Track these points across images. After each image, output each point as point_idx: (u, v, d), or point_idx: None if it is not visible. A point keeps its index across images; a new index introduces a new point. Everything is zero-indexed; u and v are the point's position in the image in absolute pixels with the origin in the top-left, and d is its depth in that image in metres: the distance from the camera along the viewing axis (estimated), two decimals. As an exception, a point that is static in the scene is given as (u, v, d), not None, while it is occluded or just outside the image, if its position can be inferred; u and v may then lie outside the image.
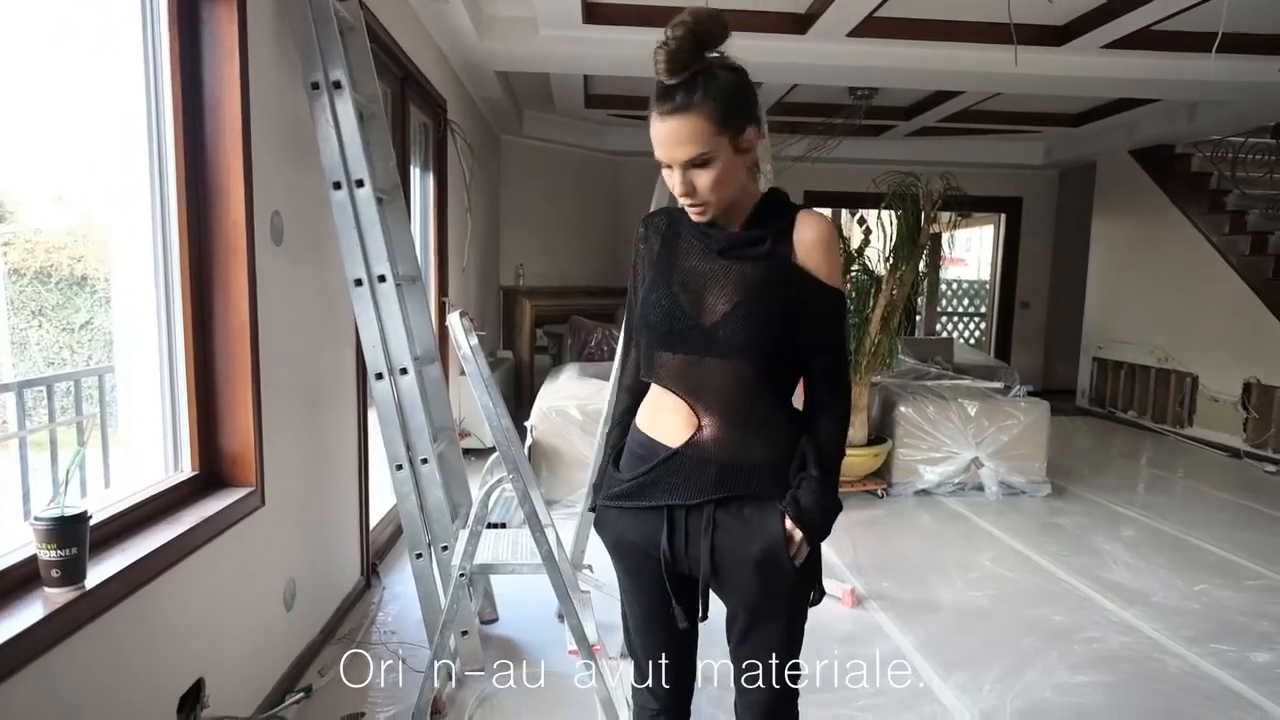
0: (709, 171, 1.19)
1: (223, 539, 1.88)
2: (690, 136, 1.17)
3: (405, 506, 2.29)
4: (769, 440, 1.29)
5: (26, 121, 1.87)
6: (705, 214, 1.25)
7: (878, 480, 4.47)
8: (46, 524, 1.34)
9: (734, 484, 1.28)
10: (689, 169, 1.20)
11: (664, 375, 1.31)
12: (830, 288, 1.26)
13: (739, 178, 1.24)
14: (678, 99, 1.16)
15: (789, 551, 1.26)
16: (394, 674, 2.45)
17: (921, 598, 3.11)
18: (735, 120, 1.18)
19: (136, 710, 1.58)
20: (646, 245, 1.37)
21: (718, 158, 1.18)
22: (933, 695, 2.39)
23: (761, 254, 1.25)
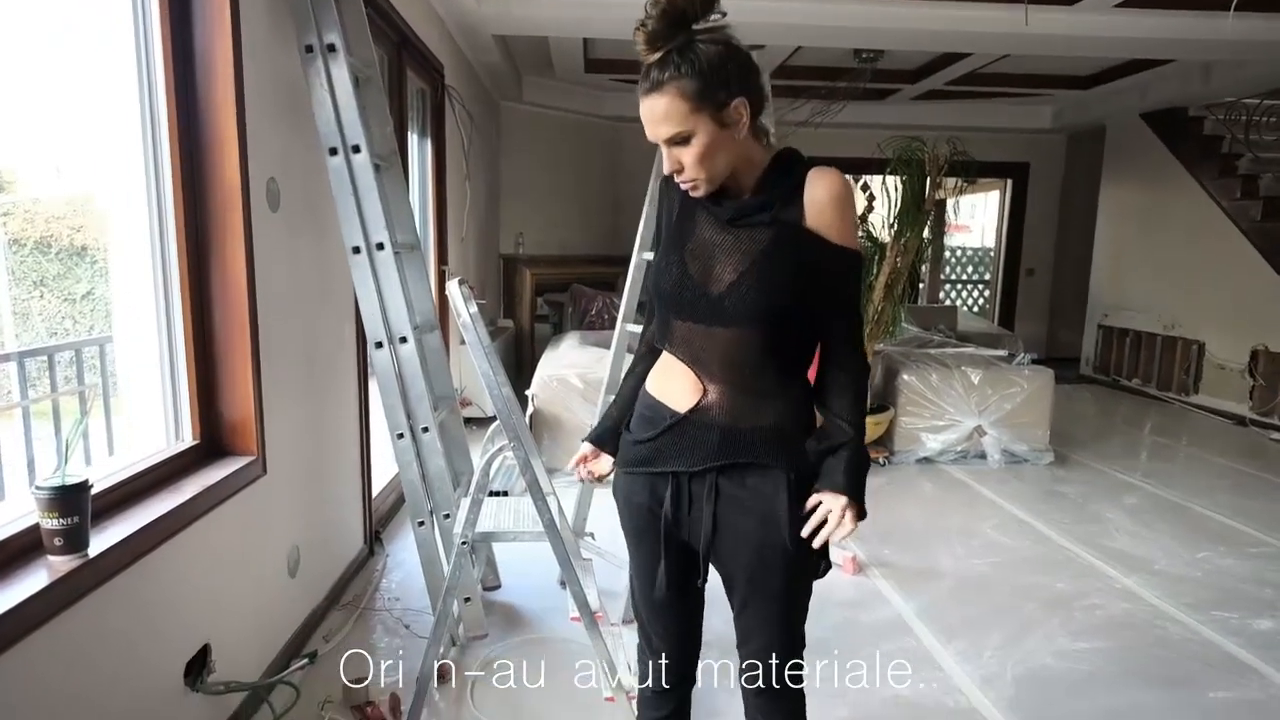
0: (691, 148, 1.17)
1: (225, 507, 1.88)
2: (666, 114, 1.15)
3: (407, 475, 2.29)
4: (776, 408, 1.27)
5: (21, 91, 1.84)
6: (699, 189, 1.23)
7: (879, 448, 4.47)
8: (48, 493, 1.34)
9: (737, 450, 1.27)
10: (673, 146, 1.19)
11: (674, 342, 1.30)
12: (843, 249, 1.22)
13: (730, 151, 1.20)
14: (652, 76, 1.16)
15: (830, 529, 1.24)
16: (398, 639, 2.48)
17: (923, 565, 3.12)
18: (715, 94, 1.15)
19: (143, 675, 1.60)
20: (665, 207, 1.36)
21: (698, 134, 1.16)
22: (933, 661, 2.41)
23: (768, 220, 1.22)
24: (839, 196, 1.21)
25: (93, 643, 1.43)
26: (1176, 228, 6.14)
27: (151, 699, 1.63)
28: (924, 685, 2.27)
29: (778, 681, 1.40)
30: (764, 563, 1.29)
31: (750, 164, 1.24)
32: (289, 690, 2.09)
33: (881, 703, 2.18)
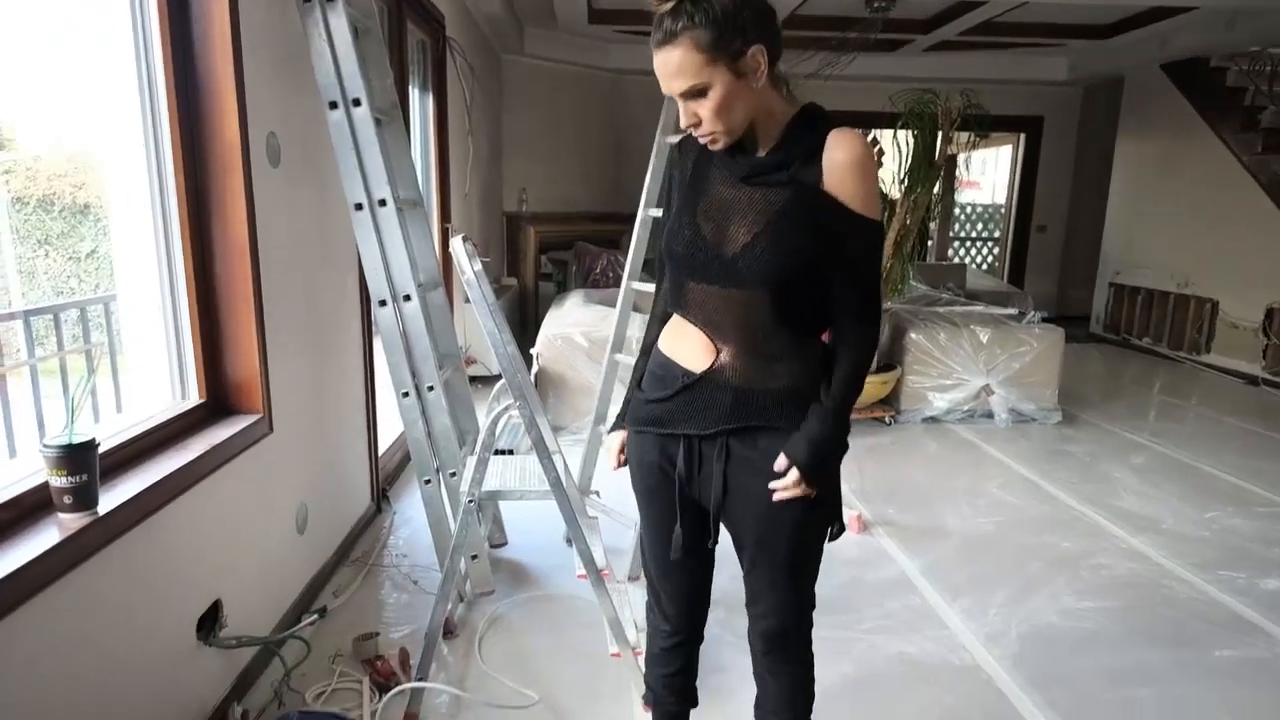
0: (708, 101, 1.14)
1: (233, 465, 1.88)
2: (680, 67, 1.12)
3: (413, 433, 2.28)
4: (790, 369, 1.25)
5: (17, 48, 1.79)
6: (717, 143, 1.20)
7: (886, 407, 4.46)
8: (56, 451, 1.34)
9: (750, 413, 1.25)
10: (688, 99, 1.15)
11: (686, 304, 1.28)
12: (861, 218, 1.17)
13: (748, 101, 1.16)
14: (665, 27, 1.12)
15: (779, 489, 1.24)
16: (406, 595, 2.50)
17: (928, 524, 3.13)
18: (731, 44, 1.11)
19: (156, 630, 1.61)
20: (680, 169, 1.32)
21: (714, 86, 1.12)
22: (938, 619, 2.42)
23: (785, 179, 1.18)
24: (859, 161, 1.16)
25: (105, 598, 1.44)
26: (1194, 183, 6.03)
27: (165, 652, 1.65)
28: (928, 643, 2.28)
29: (786, 642, 1.40)
30: (774, 524, 1.29)
31: (770, 116, 1.20)
32: (300, 645, 2.11)
33: (886, 660, 2.20)
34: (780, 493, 1.23)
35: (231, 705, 1.85)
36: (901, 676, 2.12)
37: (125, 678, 1.50)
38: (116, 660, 1.48)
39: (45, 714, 1.29)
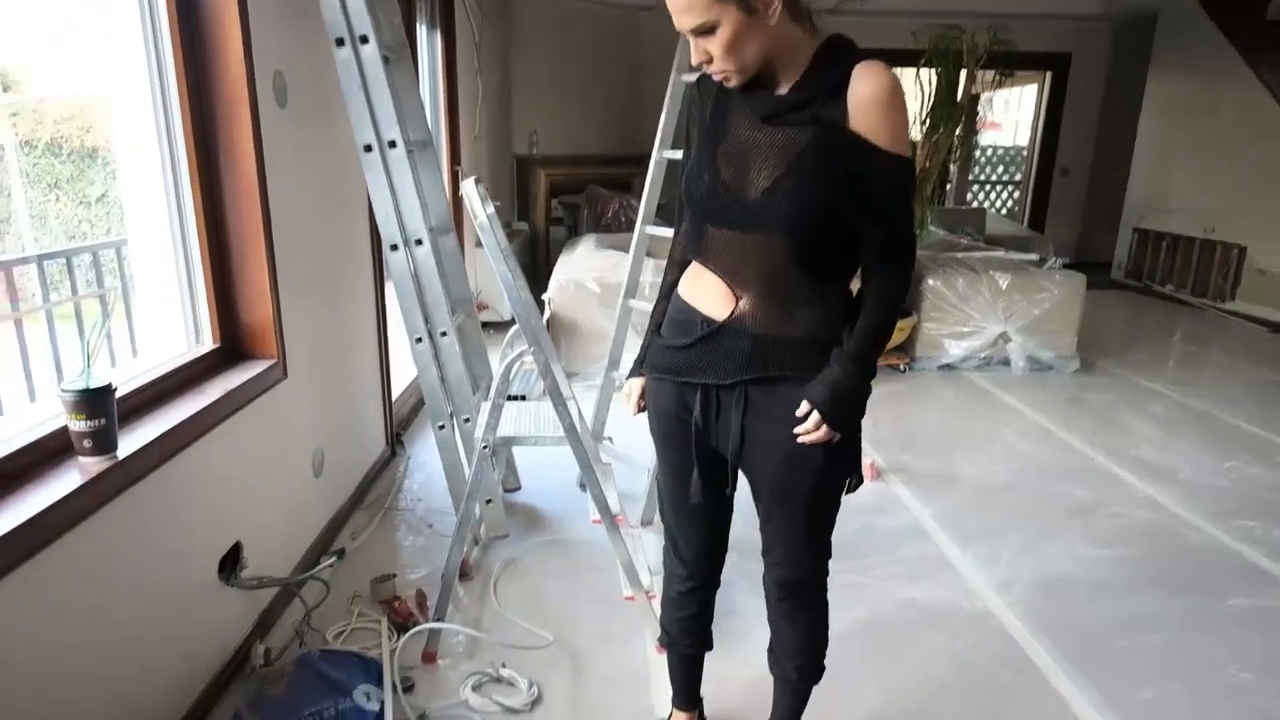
0: (717, 39, 1.09)
1: (248, 410, 1.89)
2: (688, 4, 1.08)
3: (426, 379, 2.28)
4: (812, 316, 1.22)
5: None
6: (731, 81, 1.15)
7: (900, 355, 4.43)
8: (73, 395, 1.34)
9: (769, 362, 1.23)
10: (698, 36, 1.11)
11: (706, 251, 1.25)
12: (889, 155, 1.11)
13: (760, 39, 1.10)
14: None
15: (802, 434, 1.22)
16: (422, 538, 2.54)
17: (941, 471, 3.13)
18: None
19: (178, 570, 1.64)
20: (699, 109, 1.27)
21: (722, 24, 1.08)
22: (950, 565, 2.43)
23: (807, 119, 1.13)
24: (886, 95, 1.09)
25: (128, 540, 1.46)
26: (1227, 124, 5.84)
27: (188, 592, 1.68)
28: (940, 589, 2.30)
29: (802, 590, 1.41)
30: (791, 473, 1.28)
31: (791, 52, 1.14)
32: (319, 586, 2.15)
33: (897, 605, 2.22)
34: (804, 437, 1.21)
35: (255, 643, 1.90)
36: (912, 622, 2.14)
37: (151, 617, 1.53)
38: (142, 600, 1.51)
39: (75, 654, 1.32)
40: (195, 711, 1.68)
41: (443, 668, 1.92)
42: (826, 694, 1.79)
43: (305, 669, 1.77)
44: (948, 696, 1.85)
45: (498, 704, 1.78)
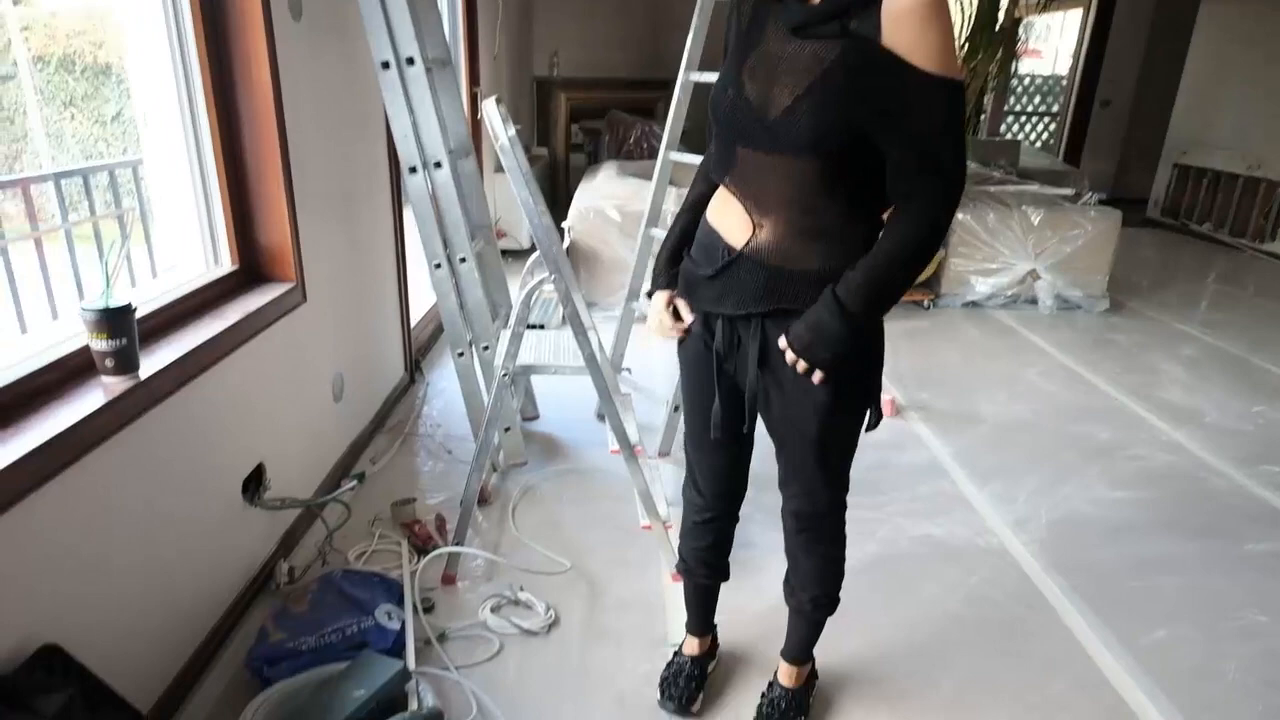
0: None
1: (268, 333, 1.89)
2: None
3: (445, 305, 2.27)
4: (831, 250, 1.15)
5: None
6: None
7: (925, 290, 4.35)
8: (94, 315, 1.34)
9: (783, 295, 1.18)
10: None
11: (730, 171, 1.18)
12: (929, 78, 0.99)
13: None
14: None
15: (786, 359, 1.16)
16: (441, 464, 2.56)
17: (962, 410, 3.10)
18: None
19: (203, 490, 1.67)
20: (736, 19, 1.18)
21: None
22: (967, 503, 2.43)
23: (836, 31, 1.02)
24: (923, 7, 0.97)
25: (152, 459, 1.47)
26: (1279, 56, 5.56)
27: (213, 511, 1.71)
28: (956, 526, 2.30)
29: (818, 522, 1.40)
30: (805, 407, 1.25)
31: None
32: (340, 508, 2.19)
33: (911, 541, 2.23)
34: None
35: (279, 562, 1.94)
36: (926, 557, 2.15)
37: (178, 534, 1.57)
38: (168, 518, 1.53)
39: (105, 568, 1.35)
40: (223, 625, 1.74)
41: (462, 590, 1.96)
42: (839, 625, 1.81)
43: (328, 587, 1.81)
44: (959, 629, 1.87)
45: (515, 626, 1.82)
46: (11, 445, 1.15)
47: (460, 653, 1.74)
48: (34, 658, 1.17)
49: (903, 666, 1.75)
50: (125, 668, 1.27)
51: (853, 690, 1.68)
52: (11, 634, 1.14)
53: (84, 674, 1.22)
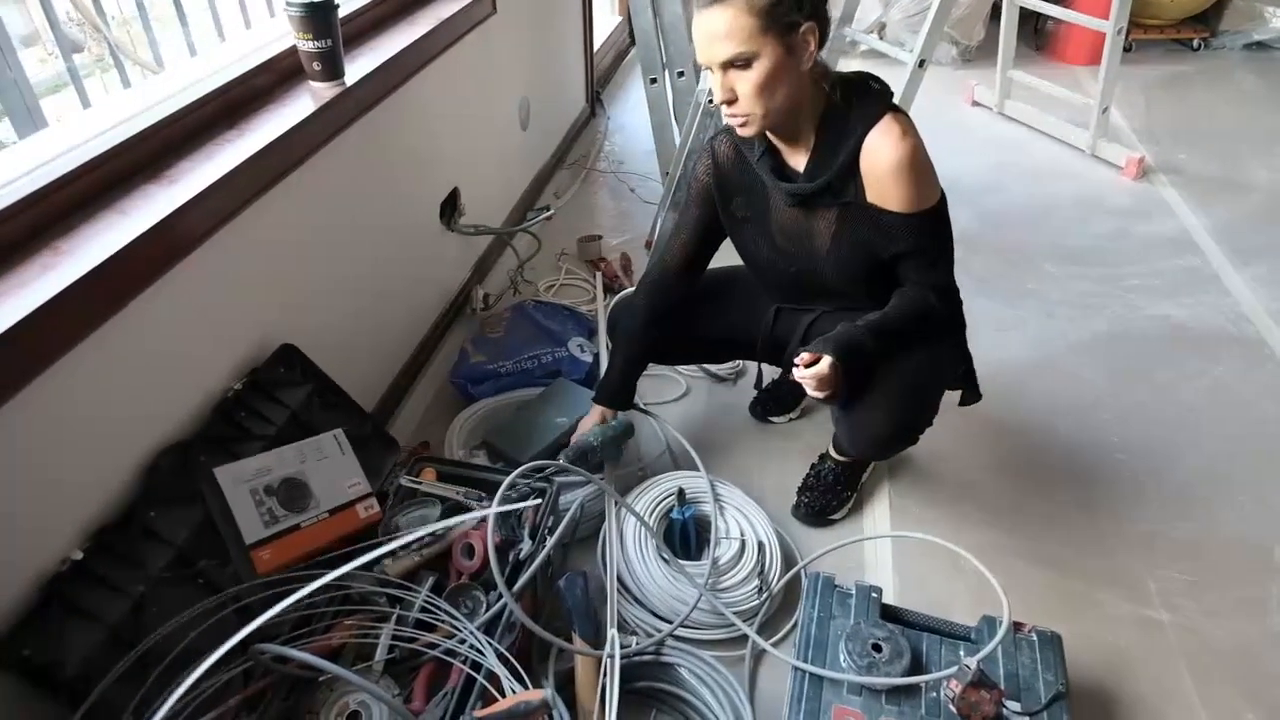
0: (751, 75, 1.04)
1: (461, 45, 1.77)
2: (729, 31, 1.02)
3: (640, 22, 2.04)
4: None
5: None
6: (749, 127, 1.10)
7: (1197, 26, 3.57)
8: (299, 10, 1.26)
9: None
10: (729, 70, 1.05)
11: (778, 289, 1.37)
12: (913, 216, 1.11)
13: (790, 85, 1.06)
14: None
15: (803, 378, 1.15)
16: (625, 203, 2.48)
17: (1226, 175, 2.63)
18: (786, 14, 1.01)
19: (405, 208, 1.67)
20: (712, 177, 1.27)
21: (762, 58, 1.03)
22: (1219, 283, 2.11)
23: (831, 201, 1.16)
24: (897, 167, 1.08)
25: (361, 172, 1.46)
26: None
27: (415, 231, 1.73)
28: (1203, 308, 2.02)
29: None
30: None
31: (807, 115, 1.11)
32: (529, 239, 2.18)
33: (1148, 320, 1.98)
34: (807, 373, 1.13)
35: (474, 287, 1.98)
36: (1163, 339, 1.92)
37: (386, 252, 1.59)
38: (376, 234, 1.55)
39: (325, 277, 1.39)
40: (429, 340, 1.82)
41: (652, 329, 1.94)
42: (1054, 401, 1.67)
43: (522, 316, 1.84)
44: (1196, 422, 1.68)
45: (703, 370, 1.80)
46: (239, 145, 1.14)
47: (650, 390, 1.75)
48: (276, 355, 1.24)
49: (1123, 452, 1.60)
50: (348, 372, 1.34)
51: (1055, 469, 1.57)
52: (255, 330, 1.21)
53: (318, 373, 1.30)
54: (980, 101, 3.10)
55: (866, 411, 1.23)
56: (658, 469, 1.52)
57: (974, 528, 1.44)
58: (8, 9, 1.15)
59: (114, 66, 1.35)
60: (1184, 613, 1.30)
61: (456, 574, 1.16)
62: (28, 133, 1.09)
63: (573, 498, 1.31)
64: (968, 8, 3.35)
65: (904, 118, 1.10)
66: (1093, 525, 1.45)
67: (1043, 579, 1.35)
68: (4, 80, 1.10)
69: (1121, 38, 2.49)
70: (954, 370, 1.32)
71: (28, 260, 0.89)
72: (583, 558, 1.36)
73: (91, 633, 0.89)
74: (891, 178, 1.09)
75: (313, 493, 1.14)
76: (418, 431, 1.64)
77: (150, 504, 1.00)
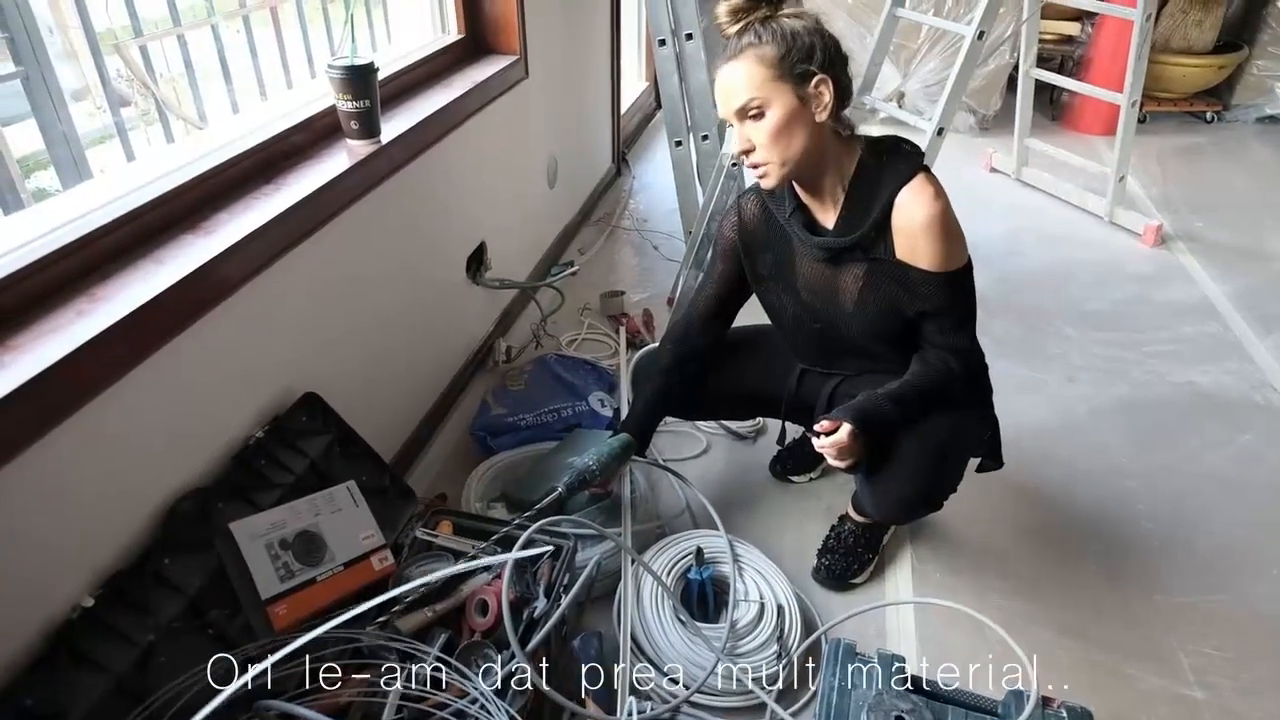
0: (766, 123, 1.07)
1: (493, 107, 1.83)
2: (743, 81, 1.06)
3: (666, 88, 2.09)
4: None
5: None
6: (769, 178, 1.12)
7: (1210, 100, 3.63)
8: (340, 72, 1.30)
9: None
10: (745, 120, 1.09)
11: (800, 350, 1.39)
12: (941, 275, 1.13)
13: (806, 134, 1.09)
14: (732, 45, 1.08)
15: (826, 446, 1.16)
16: (647, 260, 2.51)
17: (1244, 243, 2.63)
18: (796, 64, 1.05)
19: (433, 262, 1.70)
20: (738, 234, 1.30)
21: (774, 105, 1.06)
22: (1242, 350, 2.10)
23: (860, 256, 1.17)
24: (928, 224, 1.10)
25: (392, 226, 1.49)
26: None
27: (442, 285, 1.75)
28: (1226, 375, 2.00)
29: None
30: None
31: (834, 167, 1.14)
32: (553, 293, 2.20)
33: (1172, 388, 1.96)
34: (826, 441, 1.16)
35: (497, 340, 2.00)
36: (1187, 407, 1.89)
37: (411, 302, 1.61)
38: (403, 286, 1.57)
39: (351, 328, 1.41)
40: (449, 394, 1.83)
41: (671, 385, 1.94)
42: (1077, 467, 1.65)
43: (544, 370, 1.85)
44: (1224, 491, 1.65)
45: (724, 427, 1.79)
46: (275, 199, 1.17)
47: (669, 446, 1.74)
48: (299, 403, 1.25)
49: (1150, 520, 1.57)
50: (369, 421, 1.34)
51: (1080, 535, 1.54)
52: (279, 378, 1.22)
53: (340, 422, 1.31)
54: (998, 168, 3.14)
55: (891, 476, 1.22)
56: (676, 527, 1.50)
57: (999, 595, 1.41)
58: (60, 64, 1.20)
59: (159, 121, 1.40)
60: (1220, 691, 1.26)
61: (469, 631, 1.14)
62: (73, 183, 1.13)
63: (590, 555, 1.29)
64: (984, 78, 3.42)
65: (935, 179, 1.12)
66: (1121, 595, 1.41)
67: (1070, 650, 1.31)
68: (54, 133, 1.14)
69: (1136, 110, 2.53)
70: (980, 436, 1.31)
71: (64, 306, 0.91)
72: (598, 617, 1.33)
73: (97, 683, 0.88)
74: (924, 235, 1.10)
75: (327, 545, 1.14)
76: (436, 483, 1.63)
77: (165, 550, 1.00)
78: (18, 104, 1.12)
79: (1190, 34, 3.43)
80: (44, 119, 1.12)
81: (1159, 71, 3.44)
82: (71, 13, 1.21)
